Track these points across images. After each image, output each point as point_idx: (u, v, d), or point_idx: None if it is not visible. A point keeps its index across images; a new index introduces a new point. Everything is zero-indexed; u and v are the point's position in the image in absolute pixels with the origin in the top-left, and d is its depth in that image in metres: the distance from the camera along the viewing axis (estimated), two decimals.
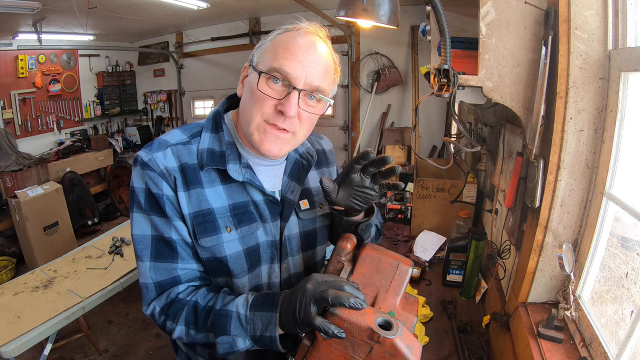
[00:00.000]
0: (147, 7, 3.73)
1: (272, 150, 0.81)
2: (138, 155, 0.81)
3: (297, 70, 0.76)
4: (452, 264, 1.79)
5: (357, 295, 0.67)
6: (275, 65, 0.76)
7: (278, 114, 0.77)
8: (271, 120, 0.78)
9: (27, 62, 4.38)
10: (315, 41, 0.79)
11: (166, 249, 0.80)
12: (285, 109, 0.76)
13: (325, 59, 0.80)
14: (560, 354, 1.03)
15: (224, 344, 0.74)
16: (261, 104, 0.77)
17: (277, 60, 0.76)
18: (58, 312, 2.02)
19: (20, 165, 3.99)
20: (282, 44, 0.78)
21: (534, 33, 1.08)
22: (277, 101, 0.77)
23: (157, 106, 5.93)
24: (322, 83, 0.79)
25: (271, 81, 0.77)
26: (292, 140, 0.83)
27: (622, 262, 0.99)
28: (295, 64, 0.76)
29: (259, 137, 0.80)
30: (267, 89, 0.77)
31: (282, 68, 0.75)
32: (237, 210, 0.84)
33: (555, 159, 1.09)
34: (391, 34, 4.10)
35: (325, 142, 1.09)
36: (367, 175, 0.80)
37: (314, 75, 0.77)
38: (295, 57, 0.76)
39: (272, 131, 0.79)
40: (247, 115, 0.80)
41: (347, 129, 4.75)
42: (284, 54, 0.76)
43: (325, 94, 0.81)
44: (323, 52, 0.80)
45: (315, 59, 0.78)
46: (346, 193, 0.81)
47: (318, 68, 0.78)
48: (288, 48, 0.77)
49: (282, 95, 0.77)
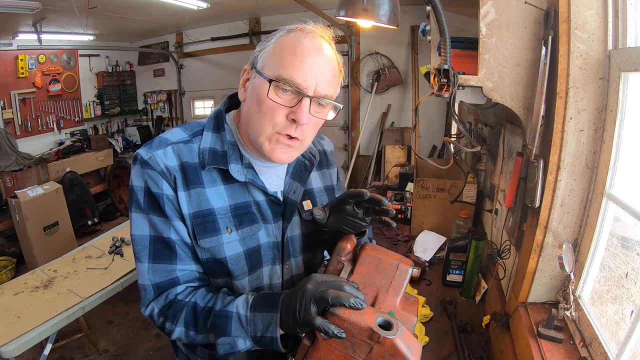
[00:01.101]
0: (147, 7, 3.73)
1: (283, 159, 0.81)
2: (138, 153, 0.80)
3: (307, 80, 0.75)
4: (452, 264, 1.79)
5: (357, 295, 0.67)
6: (284, 75, 0.74)
7: (290, 122, 0.77)
8: (283, 130, 0.77)
9: (27, 62, 4.38)
10: (321, 44, 0.78)
11: (165, 250, 0.80)
12: (297, 117, 0.75)
13: (332, 63, 0.79)
14: (560, 354, 1.03)
15: (225, 345, 0.74)
16: (272, 114, 0.76)
17: (286, 69, 0.75)
18: (58, 312, 2.02)
19: (20, 165, 3.99)
20: (288, 48, 0.76)
21: (534, 33, 1.08)
22: (289, 109, 0.76)
23: (157, 106, 5.93)
24: (329, 90, 0.79)
25: (281, 90, 0.76)
26: (300, 147, 0.83)
27: (622, 262, 0.99)
28: (306, 73, 0.75)
29: (270, 148, 0.79)
30: (278, 98, 0.76)
31: (293, 79, 0.74)
32: (238, 210, 0.83)
33: (555, 159, 1.09)
34: (391, 34, 4.10)
35: (326, 142, 1.08)
36: (360, 208, 0.81)
37: (323, 82, 0.77)
38: (304, 64, 0.75)
39: (284, 141, 0.79)
40: (256, 124, 0.79)
41: (347, 129, 4.75)
42: (292, 60, 0.75)
43: (332, 99, 0.81)
44: (330, 55, 0.79)
45: (323, 64, 0.77)
46: (337, 220, 0.83)
47: (326, 74, 0.77)
48: (295, 53, 0.75)
49: (292, 103, 0.76)
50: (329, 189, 1.02)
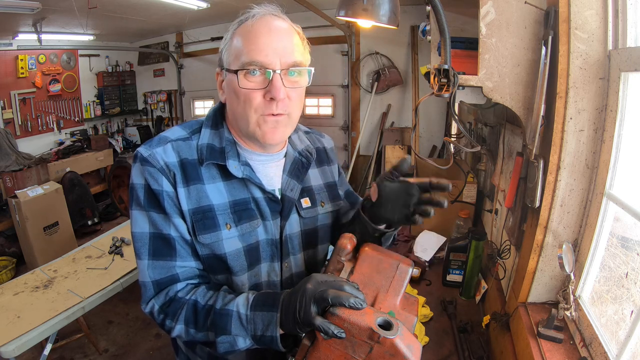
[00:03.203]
0: (147, 7, 3.73)
1: (276, 137, 0.82)
2: (138, 152, 0.81)
3: (269, 56, 0.76)
4: (452, 264, 1.79)
5: (357, 295, 0.67)
6: (246, 59, 0.76)
7: (269, 102, 0.78)
8: (265, 111, 0.79)
9: (27, 62, 4.38)
10: (271, 20, 0.79)
11: (164, 247, 0.80)
12: (274, 94, 0.77)
13: (287, 32, 0.80)
14: (560, 354, 1.03)
15: (224, 343, 0.74)
16: (250, 100, 0.78)
17: (247, 54, 0.76)
18: (58, 312, 2.02)
19: (20, 165, 3.99)
20: (244, 36, 0.78)
21: (534, 33, 1.08)
22: (264, 90, 0.78)
23: (157, 106, 5.93)
24: (296, 57, 0.80)
25: (249, 74, 0.77)
26: (289, 122, 0.84)
27: (622, 262, 0.99)
28: (265, 50, 0.76)
29: (261, 132, 0.81)
30: (249, 83, 0.77)
31: (255, 59, 0.76)
32: (237, 207, 0.83)
33: (555, 159, 1.09)
34: (391, 34, 4.10)
35: (326, 140, 1.09)
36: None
37: (286, 52, 0.78)
38: (261, 44, 0.76)
39: (269, 119, 0.80)
40: (241, 115, 0.81)
41: (347, 129, 4.75)
42: (249, 45, 0.77)
43: (303, 65, 0.82)
44: (283, 27, 0.80)
45: (280, 37, 0.78)
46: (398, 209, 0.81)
47: (286, 44, 0.78)
48: (250, 38, 0.77)
49: (265, 83, 0.77)
50: (330, 185, 1.02)
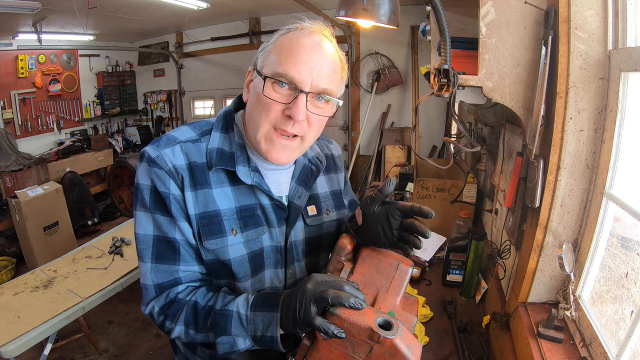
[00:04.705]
0: (147, 7, 3.73)
1: (280, 160, 0.80)
2: (145, 151, 0.79)
3: (302, 74, 0.74)
4: (452, 264, 1.79)
5: (357, 295, 0.67)
6: (279, 70, 0.74)
7: (286, 119, 0.76)
8: (280, 126, 0.77)
9: (27, 62, 4.38)
10: (320, 40, 0.77)
11: (168, 250, 0.79)
12: (293, 113, 0.74)
13: (331, 58, 0.78)
14: (560, 354, 1.03)
15: (224, 344, 0.74)
16: (268, 110, 0.76)
17: (282, 65, 0.74)
18: (58, 312, 2.02)
19: (20, 165, 3.99)
20: (286, 46, 0.76)
21: (534, 33, 1.08)
22: (285, 106, 0.75)
23: (157, 106, 5.94)
24: (329, 84, 0.78)
25: (277, 85, 0.75)
26: (300, 146, 0.82)
27: (622, 262, 0.99)
28: (300, 67, 0.74)
29: (266, 147, 0.79)
30: (274, 93, 0.75)
31: (287, 73, 0.74)
32: (243, 213, 0.82)
33: (555, 159, 1.08)
34: (391, 34, 4.10)
35: (334, 147, 1.07)
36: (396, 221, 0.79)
37: (320, 77, 0.75)
38: (299, 60, 0.74)
39: (279, 140, 0.78)
40: (254, 121, 0.79)
41: (347, 129, 4.75)
42: (287, 56, 0.74)
43: (333, 95, 0.79)
44: (329, 51, 0.78)
45: (321, 60, 0.76)
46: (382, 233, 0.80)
47: (324, 69, 0.76)
48: (292, 50, 0.75)
49: (289, 99, 0.75)
50: (335, 193, 1.01)
